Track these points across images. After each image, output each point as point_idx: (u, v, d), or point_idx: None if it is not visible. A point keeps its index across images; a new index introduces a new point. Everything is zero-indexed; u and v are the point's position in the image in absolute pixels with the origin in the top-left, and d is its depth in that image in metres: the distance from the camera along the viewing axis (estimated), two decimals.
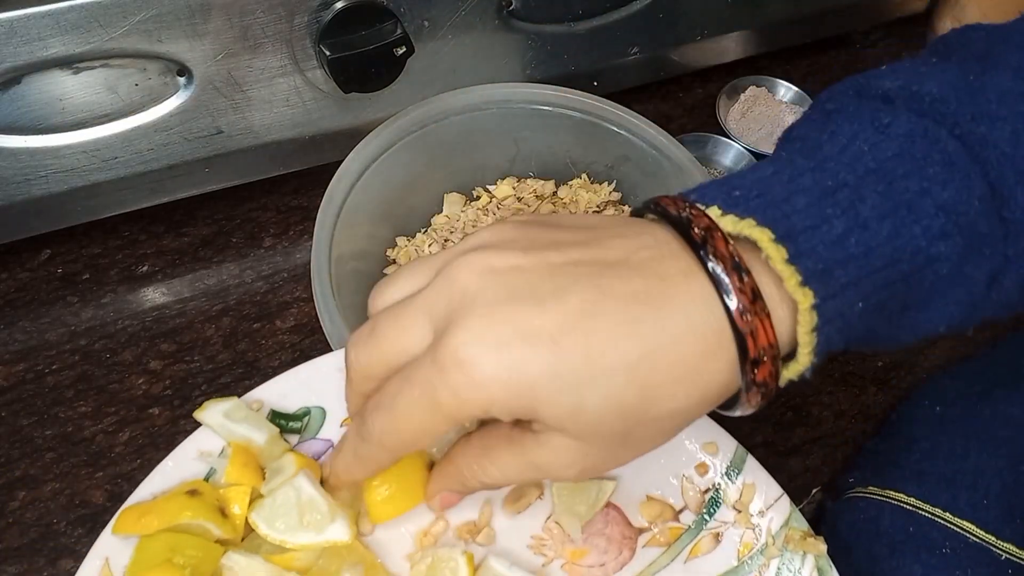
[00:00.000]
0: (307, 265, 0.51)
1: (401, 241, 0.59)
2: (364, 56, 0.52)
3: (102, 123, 0.52)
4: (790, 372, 0.32)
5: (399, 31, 0.53)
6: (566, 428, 0.30)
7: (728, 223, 0.30)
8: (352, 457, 0.35)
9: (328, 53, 0.52)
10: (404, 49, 0.53)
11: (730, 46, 0.72)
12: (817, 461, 0.57)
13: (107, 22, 0.47)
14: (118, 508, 0.39)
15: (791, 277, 0.29)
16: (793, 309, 0.30)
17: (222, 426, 0.39)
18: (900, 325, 0.34)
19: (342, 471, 0.37)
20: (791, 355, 0.32)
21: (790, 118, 0.72)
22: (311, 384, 0.41)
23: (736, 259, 0.30)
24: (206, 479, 0.38)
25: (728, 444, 0.41)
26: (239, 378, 0.58)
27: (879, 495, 0.48)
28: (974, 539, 0.44)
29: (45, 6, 0.45)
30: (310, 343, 0.59)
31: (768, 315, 0.30)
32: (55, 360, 0.58)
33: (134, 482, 0.39)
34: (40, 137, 0.51)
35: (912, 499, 0.46)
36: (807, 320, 0.30)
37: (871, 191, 0.31)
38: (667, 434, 0.33)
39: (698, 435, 0.42)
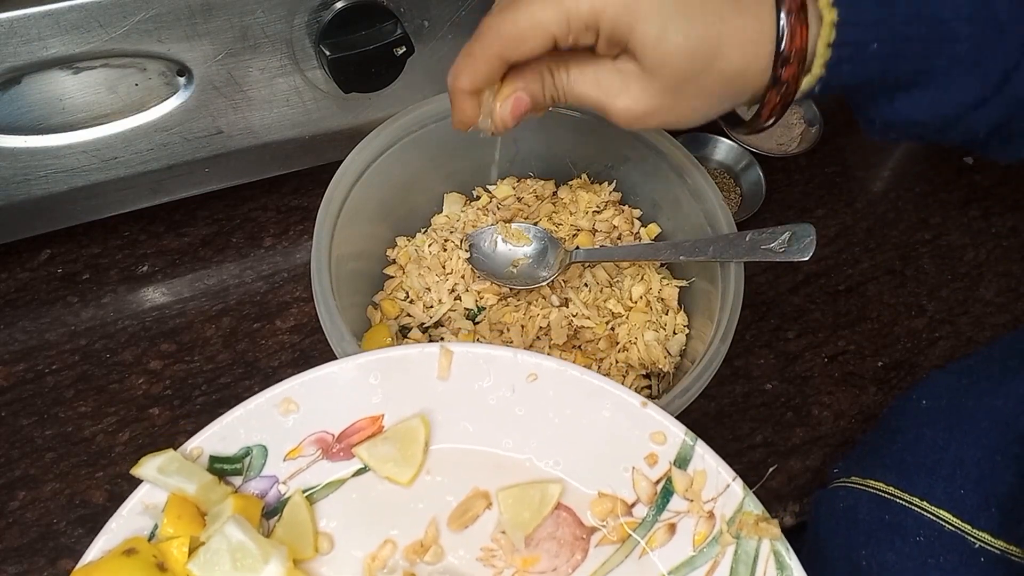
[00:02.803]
0: (307, 265, 0.51)
1: (401, 241, 0.59)
2: (364, 56, 0.52)
3: (102, 123, 0.52)
4: (805, 84, 0.39)
5: (399, 31, 0.52)
6: (645, 54, 0.38)
7: None
8: (462, 58, 0.40)
9: (328, 53, 0.52)
10: (404, 49, 0.53)
11: None
12: (817, 461, 0.57)
13: (107, 22, 0.47)
14: (118, 508, 0.39)
15: None
16: (821, 27, 0.38)
17: (157, 479, 0.39)
18: (911, 93, 0.40)
19: (451, 76, 0.41)
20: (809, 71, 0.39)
21: (790, 117, 0.72)
22: (248, 423, 0.41)
23: None
24: (151, 534, 0.39)
25: (676, 432, 0.40)
26: (239, 378, 0.58)
27: (860, 484, 0.48)
28: (949, 527, 0.44)
29: (45, 6, 0.45)
30: (310, 343, 0.59)
31: (806, 24, 0.37)
32: (55, 360, 0.58)
33: (134, 482, 0.39)
34: (40, 137, 0.51)
35: (891, 488, 0.46)
36: (827, 34, 0.37)
37: None
38: (710, 98, 0.39)
39: (645, 425, 0.41)
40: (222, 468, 0.40)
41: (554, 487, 0.41)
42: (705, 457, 0.40)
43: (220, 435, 0.40)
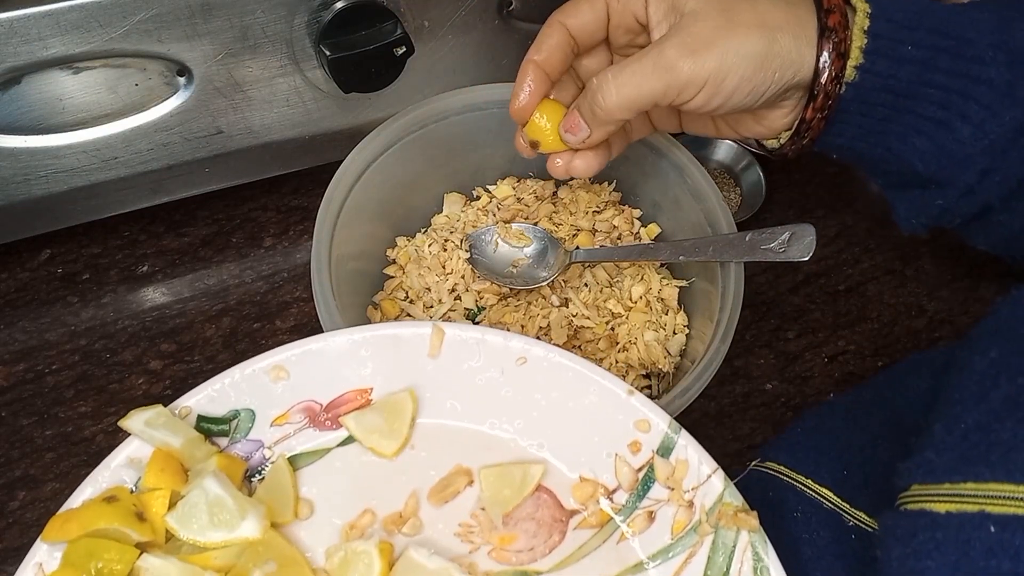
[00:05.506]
0: (307, 265, 0.51)
1: (401, 241, 0.59)
2: (364, 56, 0.52)
3: (102, 123, 0.52)
4: (848, 68, 0.41)
5: (399, 31, 0.53)
6: None
7: None
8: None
9: (328, 53, 0.52)
10: (404, 49, 0.53)
11: None
12: None
13: (107, 22, 0.47)
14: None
15: None
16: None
17: (143, 432, 0.39)
18: (940, 127, 0.42)
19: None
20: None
21: None
22: (239, 387, 0.41)
23: None
24: (136, 486, 0.39)
25: (660, 421, 0.41)
26: None
27: (760, 466, 0.49)
28: (828, 505, 0.45)
29: (45, 6, 0.45)
30: None
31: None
32: (55, 360, 0.58)
33: None
34: (40, 137, 0.51)
35: (781, 467, 0.47)
36: (861, 20, 0.41)
37: None
38: (751, 36, 0.41)
39: (630, 413, 0.41)
40: (209, 428, 0.41)
41: (536, 468, 0.41)
42: (688, 448, 0.40)
43: (210, 397, 0.41)
